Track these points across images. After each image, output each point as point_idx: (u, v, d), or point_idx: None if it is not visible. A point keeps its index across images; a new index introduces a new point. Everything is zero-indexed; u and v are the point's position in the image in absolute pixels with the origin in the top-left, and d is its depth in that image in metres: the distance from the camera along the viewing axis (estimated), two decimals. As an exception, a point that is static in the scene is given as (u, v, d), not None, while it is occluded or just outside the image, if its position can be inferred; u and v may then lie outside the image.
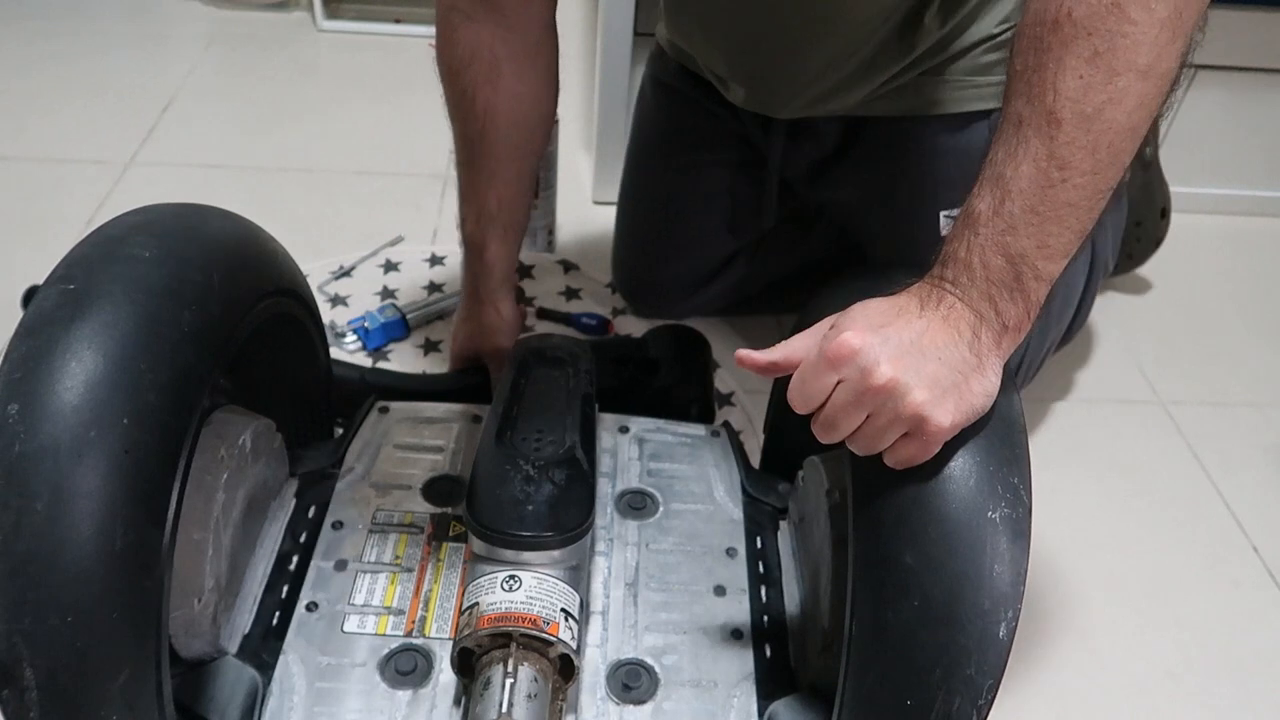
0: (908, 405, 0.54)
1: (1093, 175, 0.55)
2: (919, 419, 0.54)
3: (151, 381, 0.54)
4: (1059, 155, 0.54)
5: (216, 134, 1.60)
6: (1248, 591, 1.04)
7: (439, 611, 0.71)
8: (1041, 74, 0.55)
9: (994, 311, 0.56)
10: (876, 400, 0.54)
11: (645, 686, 0.68)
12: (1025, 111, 0.55)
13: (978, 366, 0.55)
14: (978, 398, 0.56)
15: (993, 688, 0.54)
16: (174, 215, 0.64)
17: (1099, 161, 0.54)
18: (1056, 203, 0.55)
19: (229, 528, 0.68)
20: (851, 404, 0.55)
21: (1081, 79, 0.54)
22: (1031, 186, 0.55)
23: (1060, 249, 0.56)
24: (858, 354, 0.54)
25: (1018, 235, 0.55)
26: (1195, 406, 1.26)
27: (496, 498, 0.66)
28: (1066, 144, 0.54)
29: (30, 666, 0.49)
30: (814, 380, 0.56)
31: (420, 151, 1.59)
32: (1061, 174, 0.54)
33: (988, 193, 0.56)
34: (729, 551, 0.78)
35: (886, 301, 0.57)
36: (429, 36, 0.94)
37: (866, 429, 0.56)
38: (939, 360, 0.55)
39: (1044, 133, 0.54)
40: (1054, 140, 0.54)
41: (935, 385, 0.54)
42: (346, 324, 1.22)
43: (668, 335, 1.10)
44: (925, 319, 0.56)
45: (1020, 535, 0.55)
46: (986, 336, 0.56)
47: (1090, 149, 0.54)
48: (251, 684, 0.66)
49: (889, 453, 0.57)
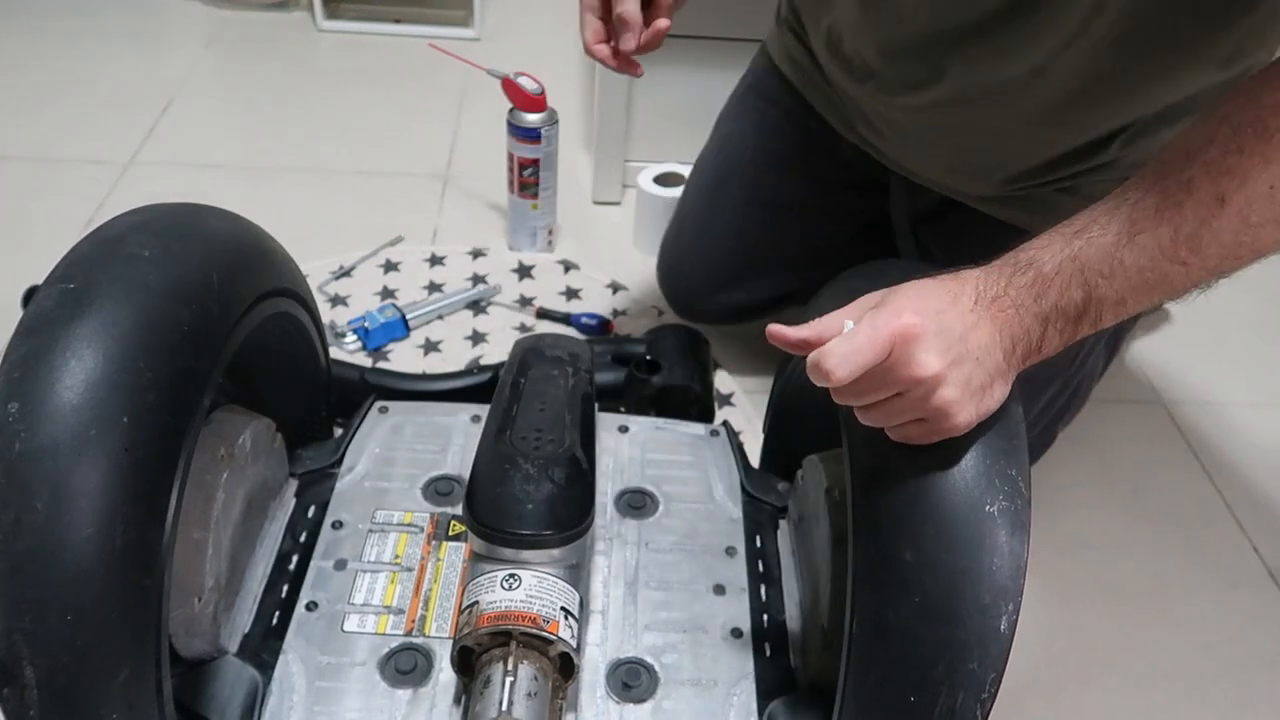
0: (938, 399, 0.53)
1: (1202, 271, 0.53)
2: (942, 414, 0.54)
3: (151, 381, 0.54)
4: (1198, 239, 0.52)
5: (216, 134, 1.60)
6: (1248, 591, 1.04)
7: (439, 610, 0.71)
8: (1237, 159, 0.52)
9: (1040, 333, 0.55)
10: (912, 386, 0.53)
11: (645, 685, 0.68)
12: (1199, 181, 0.53)
13: (1004, 374, 0.56)
14: (994, 402, 0.56)
15: (995, 681, 0.54)
16: (173, 215, 0.64)
17: (1218, 265, 0.53)
18: (1162, 277, 0.53)
19: (229, 527, 0.68)
20: (890, 381, 0.54)
21: (1271, 190, 0.51)
22: (1156, 250, 0.53)
23: (1130, 312, 0.55)
24: (915, 340, 0.52)
25: (1112, 282, 0.54)
26: (1195, 406, 1.26)
27: (496, 497, 0.66)
28: (1213, 234, 0.52)
29: (30, 665, 0.49)
30: (866, 351, 0.52)
31: (420, 151, 1.59)
32: (1187, 255, 0.53)
33: (1114, 228, 0.54)
34: (729, 550, 0.78)
35: (940, 284, 0.56)
36: (429, 36, 0.94)
37: (887, 405, 0.55)
38: (976, 361, 0.54)
39: (1203, 212, 0.52)
40: (1205, 224, 0.52)
41: (967, 386, 0.54)
42: (346, 324, 1.22)
43: (668, 335, 1.10)
44: (976, 314, 0.55)
45: (1019, 528, 0.55)
46: (1020, 351, 0.56)
47: (1225, 252, 0.53)
48: (251, 683, 0.66)
49: (896, 429, 0.57)
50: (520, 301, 1.30)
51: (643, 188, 1.37)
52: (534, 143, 1.28)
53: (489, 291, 1.30)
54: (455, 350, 1.22)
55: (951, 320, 0.53)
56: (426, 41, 1.72)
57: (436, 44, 1.53)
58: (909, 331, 0.52)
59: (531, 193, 1.33)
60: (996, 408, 0.56)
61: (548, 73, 1.32)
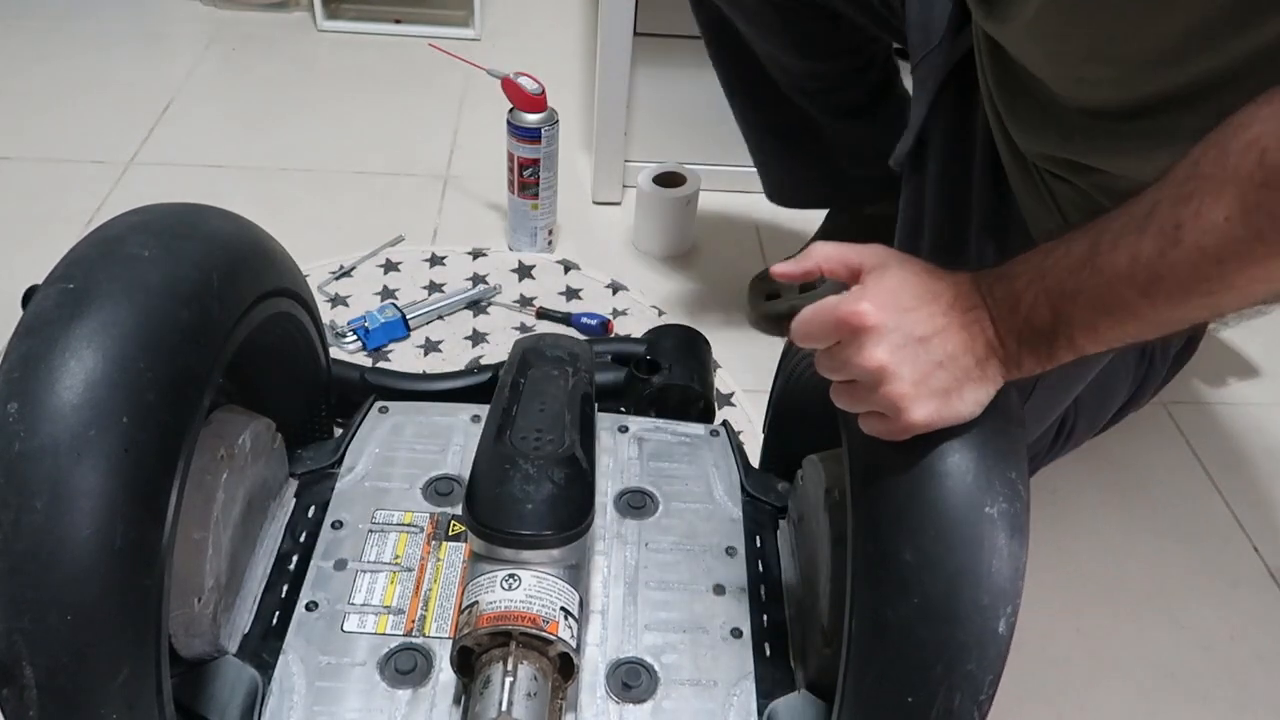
0: (887, 392, 0.55)
1: (1167, 304, 0.51)
2: (893, 408, 0.55)
3: (151, 380, 0.54)
4: (1155, 268, 0.50)
5: (216, 134, 1.60)
6: (1248, 591, 1.04)
7: (438, 610, 0.71)
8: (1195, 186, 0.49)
9: (1016, 348, 0.56)
10: (861, 374, 0.56)
11: (645, 685, 0.68)
12: (1161, 208, 0.50)
13: (979, 377, 0.56)
14: (966, 404, 0.56)
15: (993, 683, 0.54)
16: (173, 215, 0.64)
17: (1183, 299, 0.50)
18: (1123, 303, 0.52)
19: (229, 527, 0.68)
20: (841, 367, 0.57)
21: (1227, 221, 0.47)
22: (1113, 276, 0.51)
23: (1105, 340, 0.54)
24: (865, 331, 0.55)
25: (1075, 304, 0.53)
26: (1195, 406, 1.26)
27: (496, 496, 0.66)
28: (1169, 264, 0.49)
29: (30, 665, 0.49)
30: (817, 326, 0.57)
31: (420, 151, 1.59)
32: (1145, 283, 0.51)
33: (1081, 250, 0.53)
34: (728, 550, 0.78)
35: (922, 283, 0.57)
36: (429, 36, 0.94)
37: (849, 389, 0.58)
38: (939, 364, 0.55)
39: (1160, 241, 0.50)
40: (1162, 254, 0.49)
41: (924, 383, 0.55)
42: (346, 324, 1.22)
43: (668, 335, 1.10)
44: (948, 318, 0.56)
45: (1018, 530, 0.55)
46: (997, 361, 0.56)
47: (1184, 284, 0.50)
48: (251, 683, 0.66)
49: (862, 419, 0.59)
50: (520, 301, 1.30)
51: (643, 188, 1.37)
52: (534, 143, 1.28)
53: (489, 291, 1.30)
54: (455, 350, 1.22)
55: (915, 320, 0.55)
56: (426, 41, 1.72)
57: (436, 44, 1.54)
58: (857, 321, 0.55)
59: (531, 193, 1.33)
60: (976, 411, 0.57)
61: (548, 73, 1.32)
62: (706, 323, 1.27)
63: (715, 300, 1.34)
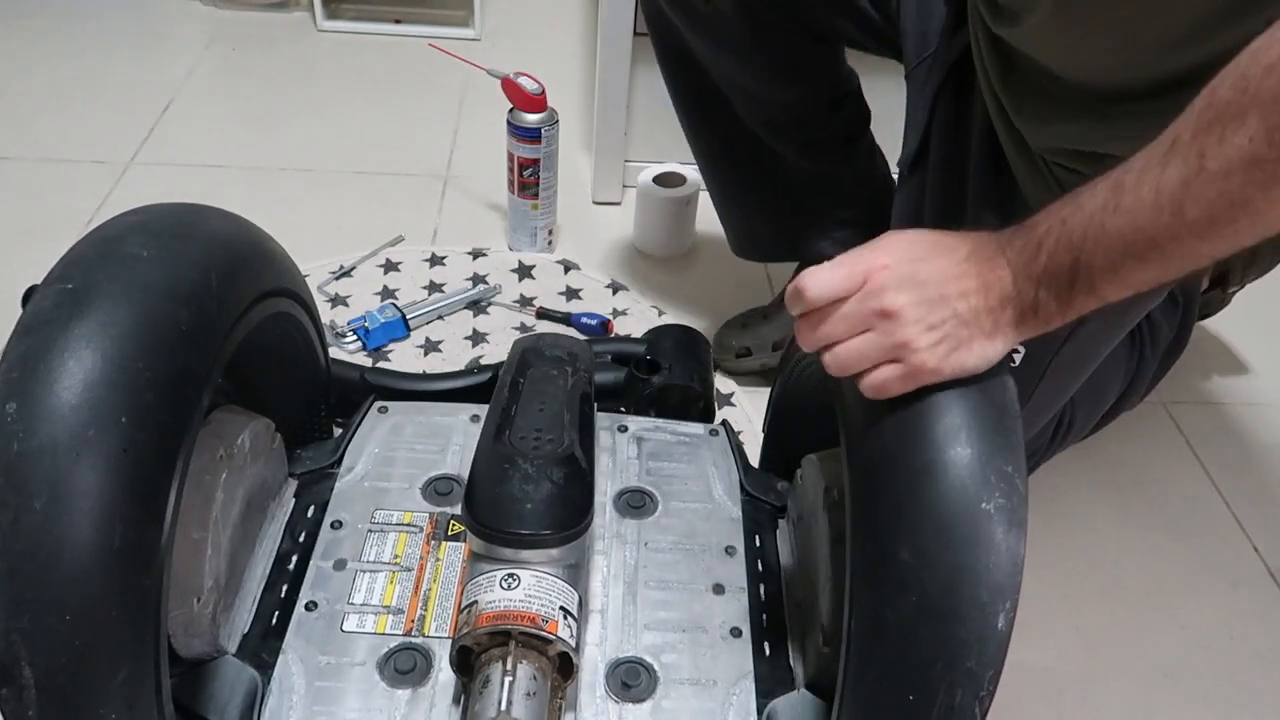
0: (901, 334, 0.56)
1: (1190, 236, 0.51)
2: (906, 349, 0.56)
3: (150, 381, 0.54)
4: (1179, 199, 0.50)
5: (216, 134, 1.60)
6: (1248, 591, 1.04)
7: (438, 610, 0.71)
8: (1217, 112, 0.49)
9: (1034, 295, 0.56)
10: (876, 321, 0.56)
11: (644, 685, 0.68)
12: (1182, 139, 0.50)
13: (989, 332, 0.57)
14: (974, 357, 0.57)
15: (994, 679, 0.54)
16: (172, 215, 0.64)
17: (1206, 228, 0.51)
18: (1149, 241, 0.52)
19: (228, 527, 0.68)
20: (856, 315, 0.57)
21: (1250, 142, 0.48)
22: (1140, 214, 0.52)
23: (1128, 283, 0.54)
24: (881, 272, 0.56)
25: (1098, 247, 0.53)
26: (1195, 406, 1.26)
27: (495, 496, 0.66)
28: (1193, 193, 0.50)
29: (29, 665, 0.49)
30: (842, 279, 0.57)
31: (420, 151, 1.59)
32: (1170, 217, 0.51)
33: (1103, 193, 0.54)
34: (728, 550, 0.78)
35: (937, 237, 0.58)
36: (429, 36, 0.94)
37: (852, 345, 0.58)
38: (954, 312, 0.56)
39: (1184, 170, 0.50)
40: (1186, 183, 0.50)
41: (937, 329, 0.56)
42: (346, 324, 1.22)
43: (668, 335, 1.10)
44: (963, 268, 0.56)
45: (1016, 524, 0.55)
46: (1013, 313, 0.56)
47: (1208, 211, 0.50)
48: (251, 683, 0.66)
49: (865, 376, 0.58)
50: (520, 301, 1.30)
51: (643, 188, 1.37)
52: (534, 143, 1.28)
53: (489, 291, 1.30)
54: (455, 350, 1.22)
55: (931, 269, 0.56)
56: (426, 41, 1.72)
57: (436, 44, 1.54)
58: (874, 265, 0.57)
59: (531, 193, 1.33)
60: (981, 367, 0.57)
61: (548, 73, 1.32)
62: (706, 323, 1.27)
63: (715, 300, 1.34)
